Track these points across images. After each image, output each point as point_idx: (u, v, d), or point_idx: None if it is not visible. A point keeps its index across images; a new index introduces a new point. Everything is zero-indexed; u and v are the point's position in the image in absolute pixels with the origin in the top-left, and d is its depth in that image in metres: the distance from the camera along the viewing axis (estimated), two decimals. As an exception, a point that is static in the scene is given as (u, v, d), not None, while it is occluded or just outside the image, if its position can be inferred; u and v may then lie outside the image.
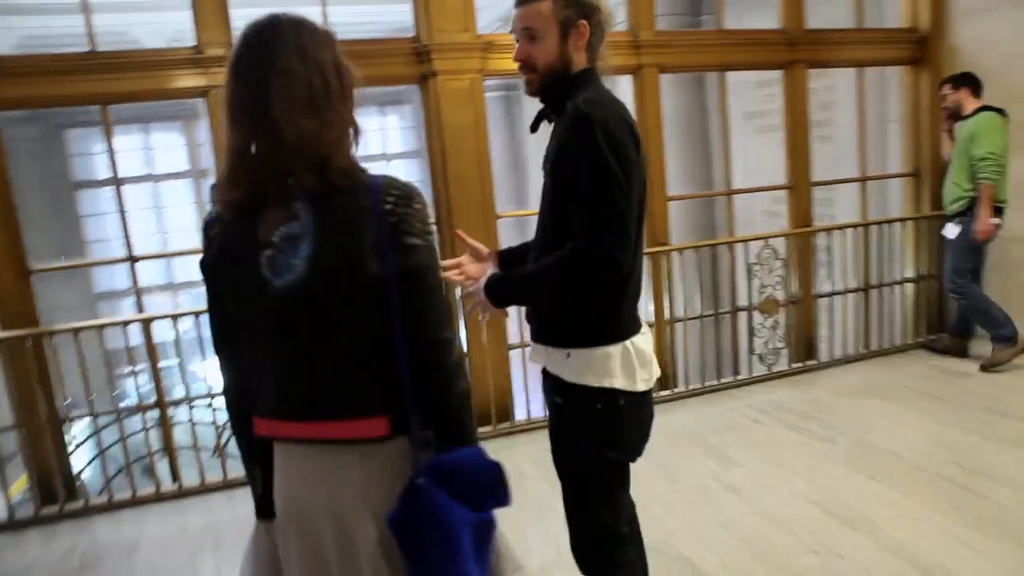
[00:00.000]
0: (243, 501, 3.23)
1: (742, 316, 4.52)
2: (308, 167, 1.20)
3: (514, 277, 1.69)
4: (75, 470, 3.74)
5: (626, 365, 1.64)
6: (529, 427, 3.99)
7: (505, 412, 4.06)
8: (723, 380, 4.39)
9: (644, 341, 1.71)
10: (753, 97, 7.51)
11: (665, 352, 4.30)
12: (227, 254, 1.26)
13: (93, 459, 3.64)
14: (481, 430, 3.85)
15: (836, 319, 4.70)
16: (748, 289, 4.46)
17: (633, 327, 1.69)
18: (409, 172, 13.31)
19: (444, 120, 3.86)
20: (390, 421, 1.25)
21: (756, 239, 4.50)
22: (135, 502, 3.47)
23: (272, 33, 1.22)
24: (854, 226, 4.74)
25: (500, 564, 1.35)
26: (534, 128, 1.78)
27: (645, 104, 4.17)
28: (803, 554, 2.62)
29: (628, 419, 1.69)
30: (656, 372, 1.75)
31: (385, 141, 14.06)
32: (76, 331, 3.43)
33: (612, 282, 1.58)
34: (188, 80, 3.55)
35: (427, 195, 3.71)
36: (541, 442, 1.88)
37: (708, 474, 3.31)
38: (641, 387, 1.68)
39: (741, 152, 7.84)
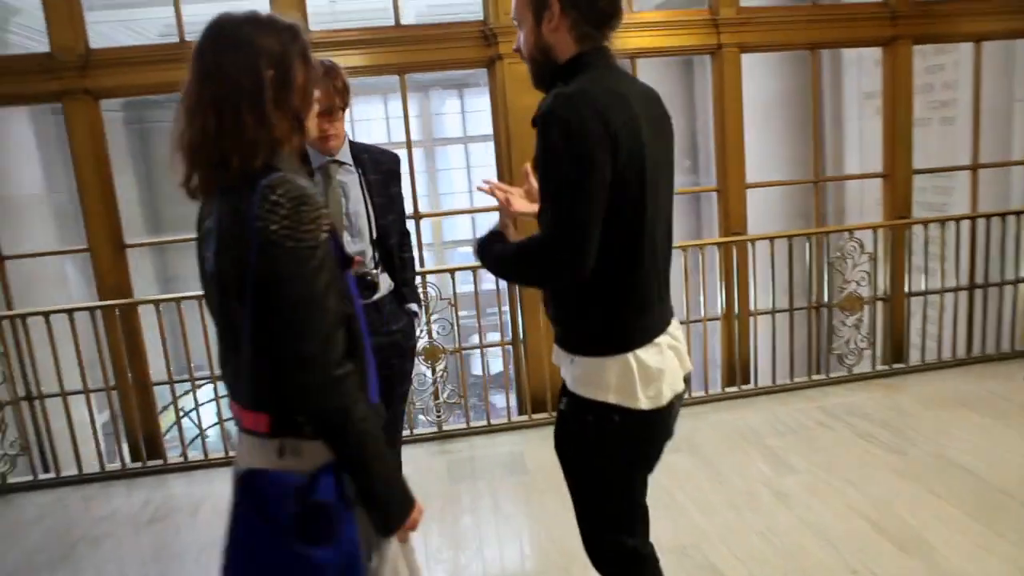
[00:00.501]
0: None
1: (823, 313, 4.24)
2: (210, 166, 1.24)
3: (497, 246, 1.63)
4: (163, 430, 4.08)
5: (624, 380, 1.52)
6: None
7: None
8: (797, 380, 4.15)
9: (654, 355, 1.55)
10: (873, 75, 6.95)
11: (735, 346, 4.13)
12: (197, 236, 1.34)
13: (176, 422, 3.93)
14: (537, 416, 3.87)
15: (935, 320, 4.32)
16: (828, 284, 4.18)
17: (638, 339, 1.54)
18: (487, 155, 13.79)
19: (509, 103, 3.84)
20: (270, 420, 1.27)
21: (840, 230, 4.19)
22: (208, 464, 3.75)
23: (214, 34, 1.25)
24: (959, 219, 4.32)
25: None
26: (534, 123, 1.66)
27: (724, 87, 3.96)
28: (842, 573, 2.46)
29: (622, 437, 1.56)
30: (675, 389, 1.60)
31: (465, 123, 14.42)
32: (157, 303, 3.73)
33: (564, 282, 1.53)
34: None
35: (493, 176, 3.80)
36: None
37: (759, 478, 3.17)
38: (644, 405, 1.53)
39: (856, 135, 7.31)
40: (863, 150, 7.12)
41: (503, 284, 4.07)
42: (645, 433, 1.61)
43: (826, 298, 4.21)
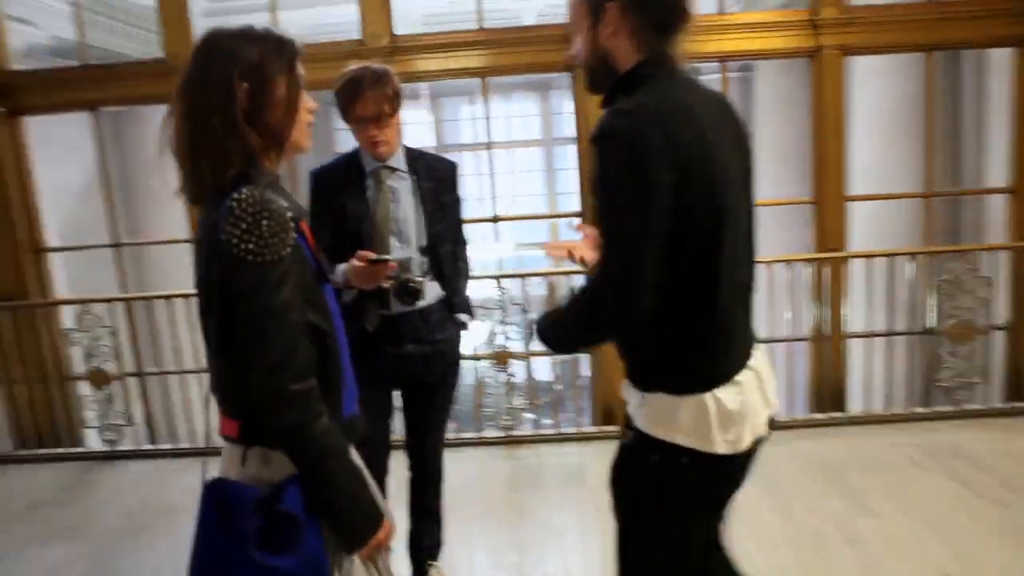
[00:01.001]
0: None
1: (929, 340, 3.86)
2: (192, 178, 1.28)
3: (550, 315, 1.48)
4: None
5: (699, 421, 1.37)
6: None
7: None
8: (894, 411, 3.80)
9: (734, 395, 1.39)
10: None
11: (825, 370, 3.84)
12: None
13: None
14: (608, 428, 3.78)
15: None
16: (936, 309, 3.79)
17: (717, 378, 1.39)
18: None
19: (588, 108, 3.77)
20: (239, 427, 1.30)
21: (951, 251, 3.79)
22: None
23: (204, 42, 1.29)
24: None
25: None
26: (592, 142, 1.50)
27: (823, 93, 3.69)
28: (903, 634, 2.23)
29: (689, 481, 1.42)
30: (757, 432, 1.44)
31: (544, 127, 14.35)
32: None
33: (625, 330, 1.37)
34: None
35: (573, 183, 3.72)
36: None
37: (831, 517, 2.92)
38: (720, 449, 1.38)
39: (996, 143, 6.59)
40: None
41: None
42: (715, 480, 1.46)
43: (933, 324, 3.82)
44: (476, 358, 3.99)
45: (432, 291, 2.29)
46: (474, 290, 2.61)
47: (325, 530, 1.30)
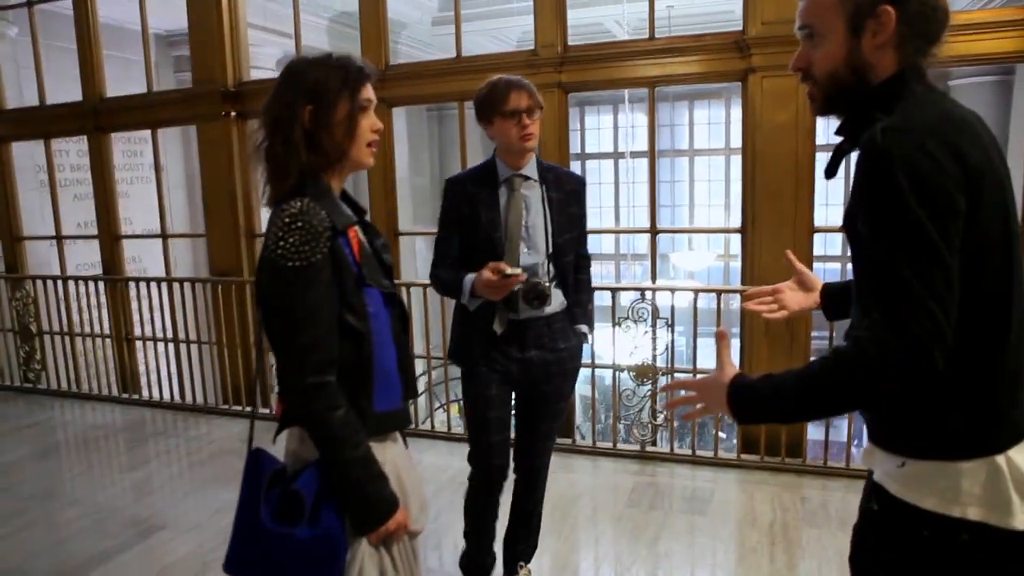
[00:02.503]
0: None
1: None
2: (266, 184, 1.45)
3: (770, 385, 1.18)
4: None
5: (992, 489, 1.13)
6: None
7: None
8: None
9: None
10: None
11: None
12: None
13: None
14: (747, 457, 3.59)
15: None
16: None
17: (1010, 434, 1.15)
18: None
19: (759, 118, 3.58)
20: (283, 409, 1.46)
21: None
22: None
23: (282, 71, 1.47)
24: None
25: None
26: (830, 172, 1.28)
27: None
28: None
29: (975, 565, 1.16)
30: None
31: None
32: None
33: (917, 379, 1.06)
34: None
35: (735, 196, 3.51)
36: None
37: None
38: (1019, 524, 1.11)
39: None
40: None
41: (728, 303, 3.83)
42: (1010, 563, 1.16)
43: None
44: (619, 369, 3.96)
45: (556, 298, 2.35)
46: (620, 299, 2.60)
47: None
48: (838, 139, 1.25)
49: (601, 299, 3.45)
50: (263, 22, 8.04)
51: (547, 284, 2.29)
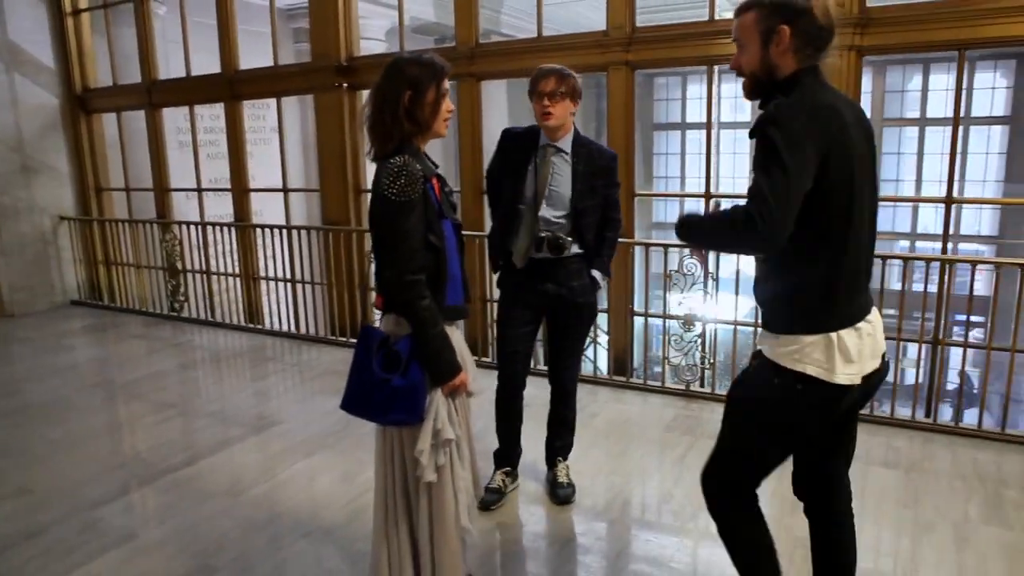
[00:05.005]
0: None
1: None
2: (374, 145, 2.04)
3: (697, 216, 1.86)
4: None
5: (827, 355, 1.71)
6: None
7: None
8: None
9: (855, 337, 1.73)
10: None
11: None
12: None
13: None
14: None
15: None
16: None
17: (844, 320, 1.73)
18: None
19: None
20: (383, 301, 2.07)
21: None
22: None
23: (388, 65, 2.05)
24: None
25: (425, 424, 2.01)
26: (752, 134, 1.74)
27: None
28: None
29: (804, 404, 1.76)
30: (865, 370, 1.76)
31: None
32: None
33: (759, 250, 1.74)
34: None
35: None
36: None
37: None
38: (840, 380, 1.71)
39: None
40: None
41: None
42: (828, 404, 1.77)
43: None
44: (669, 317, 4.47)
45: (572, 248, 2.92)
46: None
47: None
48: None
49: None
50: (373, -5, 8.78)
51: (566, 238, 2.87)
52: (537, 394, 3.24)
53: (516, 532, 2.92)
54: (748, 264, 4.27)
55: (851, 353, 1.71)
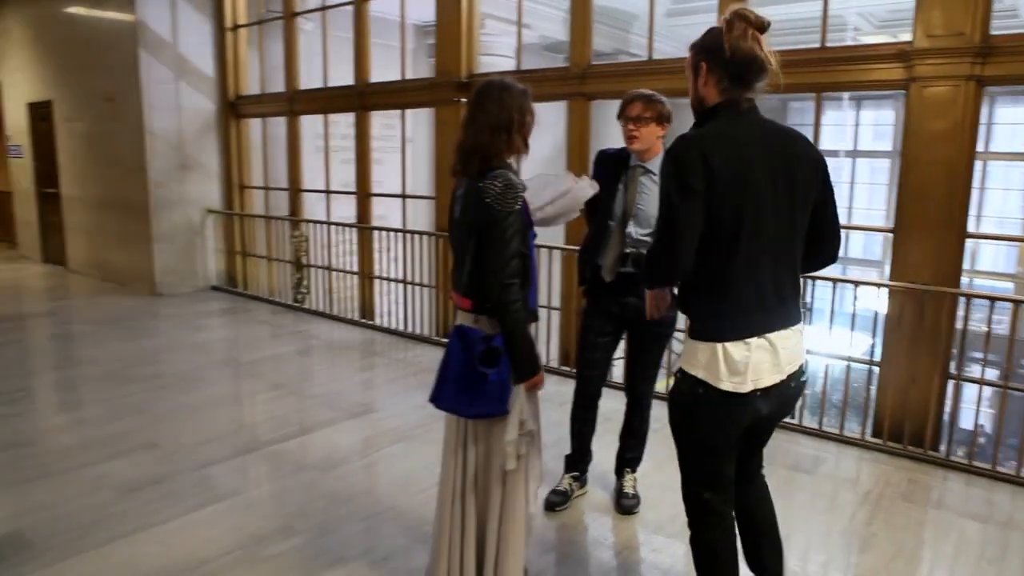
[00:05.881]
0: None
1: None
2: (474, 161, 2.20)
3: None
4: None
5: (712, 362, 1.89)
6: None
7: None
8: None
9: (741, 349, 1.88)
10: None
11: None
12: (451, 200, 2.38)
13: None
14: (873, 440, 3.91)
15: None
16: None
17: (730, 334, 1.89)
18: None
19: (914, 126, 3.82)
20: (472, 303, 2.24)
21: None
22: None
23: (488, 88, 2.24)
24: None
25: (512, 416, 2.19)
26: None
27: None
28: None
29: (704, 408, 1.93)
30: (759, 384, 1.90)
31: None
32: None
33: (670, 280, 2.09)
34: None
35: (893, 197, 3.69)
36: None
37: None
38: (724, 386, 1.88)
39: None
40: None
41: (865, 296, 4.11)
42: (724, 411, 1.94)
43: None
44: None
45: None
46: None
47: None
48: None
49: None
50: (505, 14, 9.12)
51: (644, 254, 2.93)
52: (619, 407, 3.35)
53: (576, 535, 3.05)
54: (823, 292, 4.17)
55: (737, 365, 1.86)
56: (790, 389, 1.99)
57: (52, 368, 5.51)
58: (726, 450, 2.03)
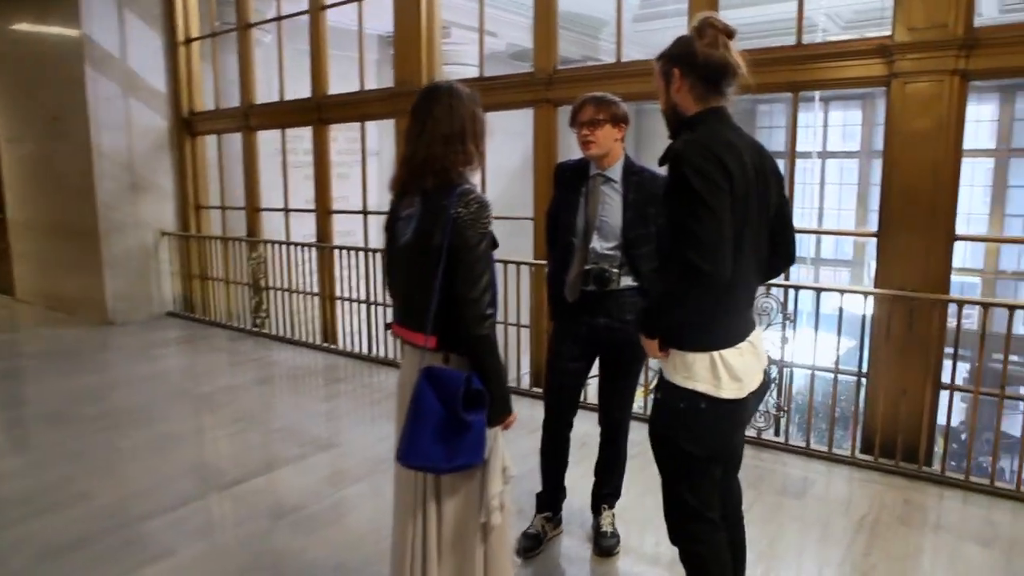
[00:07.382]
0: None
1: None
2: (427, 176, 1.92)
3: (649, 308, 1.93)
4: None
5: (712, 372, 1.85)
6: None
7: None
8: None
9: (736, 355, 1.87)
10: None
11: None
12: (388, 220, 2.10)
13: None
14: (863, 457, 3.69)
15: None
16: None
17: (725, 341, 1.87)
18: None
19: (896, 126, 3.63)
20: (437, 340, 1.93)
21: None
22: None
23: (435, 94, 1.98)
24: None
25: (493, 464, 1.94)
26: (662, 162, 1.88)
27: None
28: None
29: (708, 420, 1.88)
30: (751, 388, 1.91)
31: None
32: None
33: (705, 288, 1.73)
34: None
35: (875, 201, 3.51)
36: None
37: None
38: (727, 395, 1.85)
39: None
40: None
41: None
42: (727, 418, 1.92)
43: None
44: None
45: (624, 281, 2.74)
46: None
47: None
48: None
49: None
50: (471, 22, 8.87)
51: (612, 271, 2.70)
52: (593, 431, 3.07)
53: (551, 582, 2.77)
54: (830, 301, 3.96)
55: (736, 371, 1.85)
56: (764, 388, 2.02)
57: (-14, 409, 5.12)
58: (723, 455, 2.01)
